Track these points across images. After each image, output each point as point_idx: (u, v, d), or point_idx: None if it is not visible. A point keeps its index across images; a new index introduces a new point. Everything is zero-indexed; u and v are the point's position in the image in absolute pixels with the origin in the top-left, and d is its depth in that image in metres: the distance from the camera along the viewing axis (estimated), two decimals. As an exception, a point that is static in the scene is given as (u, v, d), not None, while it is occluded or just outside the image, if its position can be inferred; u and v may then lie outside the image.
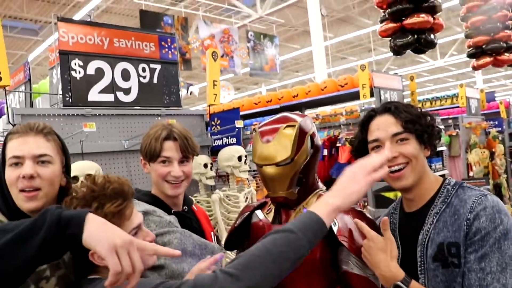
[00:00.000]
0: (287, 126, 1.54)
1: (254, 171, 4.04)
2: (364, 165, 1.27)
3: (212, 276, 1.07)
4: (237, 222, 1.77)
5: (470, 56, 8.76)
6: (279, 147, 1.52)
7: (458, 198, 1.43)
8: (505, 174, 8.46)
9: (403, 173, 1.46)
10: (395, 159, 1.45)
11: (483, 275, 1.27)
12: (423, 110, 1.54)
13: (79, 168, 2.32)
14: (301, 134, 1.54)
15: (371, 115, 1.57)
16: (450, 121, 7.81)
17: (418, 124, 1.47)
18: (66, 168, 1.54)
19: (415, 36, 5.49)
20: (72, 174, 2.30)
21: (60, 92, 3.04)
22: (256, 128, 1.63)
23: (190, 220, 1.84)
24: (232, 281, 1.05)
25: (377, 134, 1.51)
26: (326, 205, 1.22)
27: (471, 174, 7.40)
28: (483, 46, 8.47)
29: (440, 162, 5.65)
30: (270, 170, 1.53)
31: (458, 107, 8.84)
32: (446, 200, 1.45)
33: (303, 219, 1.19)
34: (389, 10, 5.60)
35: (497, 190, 7.82)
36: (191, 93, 14.29)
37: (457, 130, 7.64)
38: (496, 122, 8.95)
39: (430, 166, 5.40)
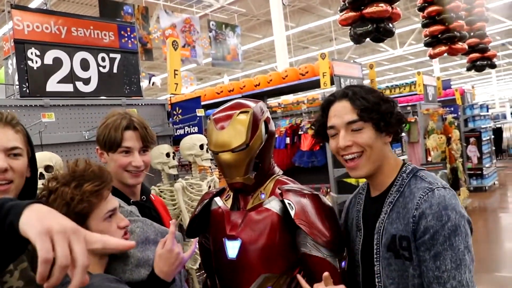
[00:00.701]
0: (240, 113, 1.56)
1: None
2: None
3: None
4: (197, 209, 1.78)
5: (426, 45, 9.02)
6: (234, 133, 1.53)
7: (409, 189, 1.41)
8: (461, 158, 8.80)
9: (357, 163, 1.43)
10: (349, 147, 1.43)
11: (439, 273, 1.27)
12: (384, 96, 1.48)
13: (38, 159, 2.27)
14: (255, 119, 1.56)
15: (331, 100, 1.52)
16: (408, 108, 8.03)
17: (375, 111, 1.41)
18: (32, 160, 1.51)
19: (374, 25, 5.63)
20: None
21: (17, 83, 2.96)
22: (210, 116, 1.62)
23: (149, 209, 1.83)
24: None
25: (333, 121, 1.47)
26: None
27: (429, 159, 7.65)
28: (439, 36, 8.74)
29: (399, 148, 5.82)
30: (226, 156, 1.54)
31: (416, 94, 9.09)
32: (400, 189, 1.43)
33: None
34: (348, -1, 5.70)
35: (454, 174, 8.13)
36: (153, 84, 14.10)
37: (416, 116, 7.87)
38: (452, 109, 9.27)
39: (389, 152, 5.56)
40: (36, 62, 2.88)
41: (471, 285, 1.26)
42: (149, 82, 13.30)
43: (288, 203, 1.52)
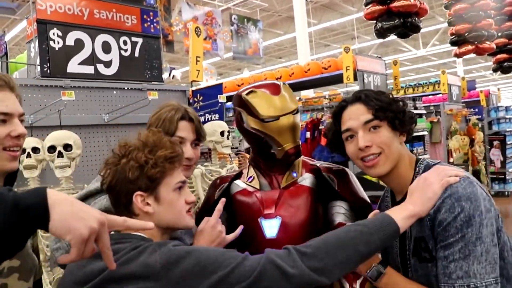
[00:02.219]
0: (282, 83, 1.64)
1: (236, 148, 3.99)
2: (438, 171, 1.31)
3: (285, 251, 1.15)
4: (216, 194, 1.72)
5: (452, 43, 8.83)
6: (289, 97, 1.60)
7: None
8: (484, 161, 8.60)
9: (377, 161, 1.43)
10: (368, 148, 1.43)
11: (446, 263, 1.26)
12: (394, 96, 1.51)
13: (56, 137, 2.24)
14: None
15: (343, 105, 1.53)
16: (431, 107, 7.87)
17: (389, 111, 1.44)
18: None
19: (401, 19, 5.50)
20: (49, 144, 2.25)
21: (32, 63, 2.95)
22: (252, 90, 1.60)
23: None
24: (303, 258, 1.12)
25: (349, 124, 1.47)
26: (404, 210, 1.26)
27: (451, 160, 7.48)
28: (466, 34, 8.54)
29: (421, 146, 5.70)
30: (289, 119, 1.57)
31: (439, 94, 8.91)
32: None
33: (378, 219, 1.24)
34: (376, -8, 5.58)
35: (476, 177, 7.91)
36: (173, 76, 14.09)
37: (439, 116, 7.70)
38: (476, 110, 9.06)
39: (412, 151, 5.44)
40: (58, 43, 2.86)
41: (481, 277, 1.22)
42: (169, 75, 13.31)
43: (328, 177, 1.62)
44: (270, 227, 1.56)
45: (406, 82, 13.75)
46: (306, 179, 1.64)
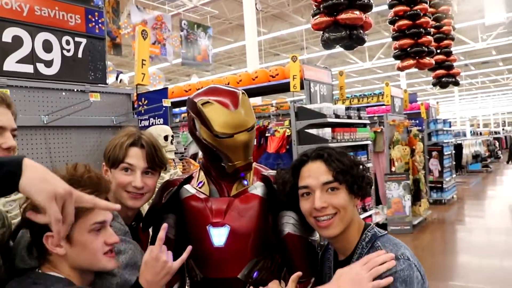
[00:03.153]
0: (243, 93, 1.56)
1: (181, 153, 3.95)
2: (367, 264, 1.32)
3: None
4: (165, 198, 1.67)
5: (396, 57, 9.22)
6: (246, 112, 1.52)
7: None
8: (423, 170, 8.97)
9: (331, 223, 1.43)
10: (324, 209, 1.42)
11: None
12: (355, 159, 1.52)
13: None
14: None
15: (303, 160, 1.51)
16: (375, 118, 8.15)
17: (350, 175, 1.44)
18: None
19: (348, 31, 5.67)
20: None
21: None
22: (208, 100, 1.52)
23: (135, 237, 1.72)
24: None
25: (308, 181, 1.46)
26: None
27: (393, 169, 7.75)
28: (408, 49, 8.93)
29: (365, 155, 5.86)
30: (244, 136, 1.51)
31: (383, 105, 9.23)
32: (360, 257, 1.44)
33: None
34: (324, 4, 5.73)
35: (416, 185, 8.28)
36: (120, 80, 13.78)
37: (382, 127, 7.97)
38: (417, 121, 9.46)
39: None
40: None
41: None
42: (116, 79, 13.03)
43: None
44: (219, 236, 1.54)
45: (352, 93, 14.17)
46: (257, 188, 1.61)
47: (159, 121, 3.32)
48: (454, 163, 12.03)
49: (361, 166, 1.50)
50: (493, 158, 23.15)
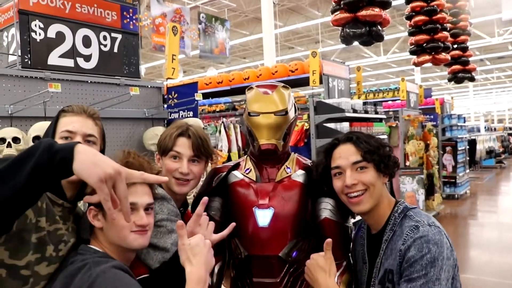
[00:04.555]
0: (283, 87, 1.80)
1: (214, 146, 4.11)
2: None
3: None
4: (215, 182, 1.86)
5: (411, 53, 9.25)
6: (278, 99, 1.74)
7: (400, 228, 1.56)
8: (437, 165, 9.06)
9: (361, 199, 1.59)
10: (354, 186, 1.58)
11: None
12: (381, 141, 1.66)
13: (42, 128, 2.32)
14: (291, 97, 1.81)
15: (335, 143, 1.69)
16: (391, 113, 8.24)
17: (377, 154, 1.59)
18: (102, 152, 1.61)
19: (367, 27, 5.77)
20: (34, 134, 2.32)
21: (13, 53, 3.00)
22: (252, 87, 1.81)
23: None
24: None
25: (339, 162, 1.63)
26: None
27: (407, 163, 7.86)
28: (424, 45, 8.97)
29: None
30: (268, 118, 1.71)
31: (398, 100, 9.31)
32: (393, 228, 1.58)
33: None
34: (344, 0, 5.83)
35: (430, 180, 8.37)
36: (137, 71, 14.00)
37: (397, 122, 8.07)
38: (432, 117, 9.52)
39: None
40: (40, 34, 2.91)
41: None
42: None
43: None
44: (263, 217, 1.71)
45: (366, 87, 14.21)
46: (299, 176, 1.79)
47: (189, 114, 3.49)
48: (467, 158, 12.07)
49: (387, 148, 1.64)
50: (507, 154, 23.03)
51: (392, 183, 8.33)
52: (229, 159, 5.84)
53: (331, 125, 5.26)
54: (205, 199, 1.59)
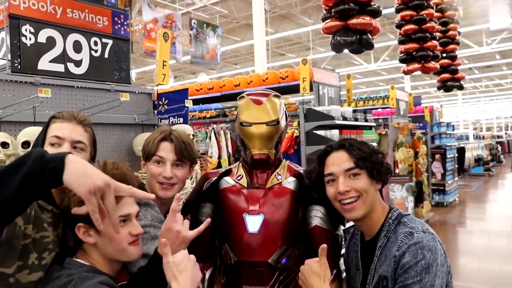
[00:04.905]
0: (274, 95, 1.81)
1: (202, 153, 4.12)
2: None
3: None
4: (205, 186, 1.87)
5: (401, 61, 9.35)
6: (270, 109, 1.76)
7: (395, 234, 1.57)
8: (426, 172, 9.12)
9: (354, 206, 1.60)
10: (347, 192, 1.59)
11: None
12: (374, 148, 1.68)
13: (31, 133, 2.30)
14: (282, 105, 1.83)
15: (328, 150, 1.70)
16: (380, 120, 8.28)
17: (369, 161, 1.61)
18: (93, 159, 1.64)
19: (358, 36, 5.82)
20: (23, 139, 2.31)
21: (2, 57, 2.98)
22: (244, 95, 1.82)
23: None
24: None
25: (332, 169, 1.64)
26: None
27: (397, 171, 7.90)
28: (413, 53, 9.07)
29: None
30: (260, 128, 1.73)
31: (388, 107, 9.37)
32: (387, 234, 1.59)
33: None
34: (335, 8, 5.88)
35: (419, 187, 8.42)
36: (128, 77, 13.97)
37: (386, 129, 8.11)
38: (421, 125, 9.59)
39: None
40: (30, 39, 2.89)
41: None
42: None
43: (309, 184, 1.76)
44: (253, 223, 1.72)
45: (356, 94, 14.31)
46: (290, 183, 1.81)
47: (179, 120, 3.48)
48: (456, 166, 12.18)
49: (380, 154, 1.67)
50: (495, 162, 23.26)
51: (382, 190, 8.38)
52: (219, 165, 5.83)
53: (321, 133, 5.29)
54: (177, 195, 1.59)
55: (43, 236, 1.38)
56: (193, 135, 3.17)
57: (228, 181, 1.86)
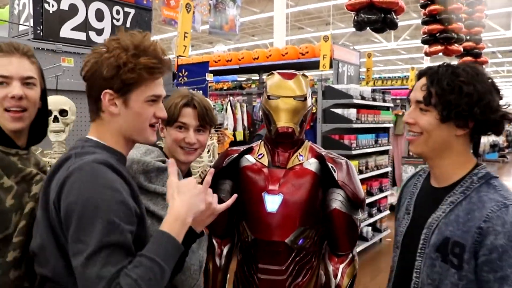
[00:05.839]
0: (303, 75, 1.85)
1: (218, 124, 4.12)
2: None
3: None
4: (225, 163, 1.89)
5: (424, 42, 9.14)
6: (298, 85, 1.79)
7: (478, 195, 1.30)
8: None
9: (413, 140, 1.41)
10: (411, 125, 1.40)
11: None
12: (470, 88, 1.30)
13: (53, 102, 2.30)
14: (310, 85, 1.85)
15: (421, 73, 1.44)
16: (398, 101, 8.19)
17: (446, 100, 1.30)
18: (43, 93, 1.54)
19: (382, 14, 5.68)
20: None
21: (23, 23, 2.97)
22: (273, 72, 1.87)
23: None
24: None
25: (411, 94, 1.43)
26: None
27: (411, 152, 7.84)
28: (437, 34, 8.86)
29: (386, 137, 5.97)
30: (287, 101, 1.75)
31: (407, 88, 9.25)
32: (466, 191, 1.33)
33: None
34: (361, -15, 5.73)
35: (432, 170, 8.36)
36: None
37: (403, 110, 8.03)
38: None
39: (377, 141, 5.71)
40: (53, 6, 2.88)
41: None
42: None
43: (331, 167, 1.77)
44: (272, 202, 1.73)
45: (374, 73, 14.13)
46: (311, 164, 1.80)
47: (199, 92, 3.47)
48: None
49: (473, 97, 1.29)
50: (510, 148, 22.98)
51: (395, 171, 8.36)
52: (234, 137, 5.85)
53: (339, 111, 5.24)
54: (211, 170, 1.56)
55: (26, 173, 1.39)
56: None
57: (249, 159, 1.87)
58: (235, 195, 1.61)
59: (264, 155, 1.86)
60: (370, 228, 5.79)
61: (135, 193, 1.27)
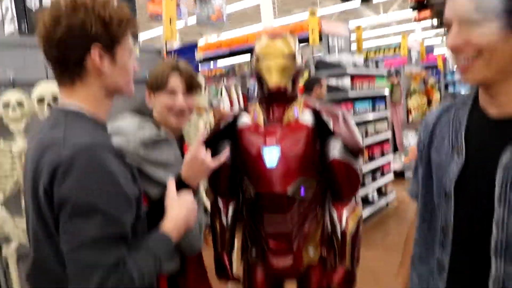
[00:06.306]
0: (290, 35, 1.85)
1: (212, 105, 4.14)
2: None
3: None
4: (222, 126, 1.93)
5: (413, 8, 9.11)
6: (286, 44, 1.79)
7: None
8: (440, 119, 9.04)
9: (466, 67, 1.02)
10: (459, 49, 1.01)
11: None
12: None
13: (45, 88, 2.33)
14: (297, 45, 1.84)
15: None
16: (392, 69, 8.17)
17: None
18: None
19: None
20: (38, 97, 2.35)
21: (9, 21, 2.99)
22: (260, 32, 1.83)
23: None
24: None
25: (446, 13, 1.04)
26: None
27: (410, 119, 7.87)
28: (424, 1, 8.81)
29: (383, 104, 5.98)
30: (277, 61, 1.76)
31: (399, 57, 9.23)
32: None
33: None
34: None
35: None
36: (135, 43, 13.86)
37: (399, 79, 8.02)
38: (435, 72, 9.45)
39: (374, 108, 5.72)
40: (35, 4, 2.90)
41: None
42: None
43: (326, 119, 1.80)
44: (270, 153, 1.78)
45: (366, 49, 14.04)
46: (307, 118, 1.84)
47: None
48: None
49: None
50: None
51: (396, 138, 8.36)
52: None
53: (332, 82, 5.24)
54: (203, 131, 1.63)
55: None
56: (205, 88, 3.19)
57: (245, 120, 1.91)
58: (226, 150, 1.68)
59: (259, 114, 1.89)
60: (375, 193, 5.87)
61: (133, 172, 1.24)
